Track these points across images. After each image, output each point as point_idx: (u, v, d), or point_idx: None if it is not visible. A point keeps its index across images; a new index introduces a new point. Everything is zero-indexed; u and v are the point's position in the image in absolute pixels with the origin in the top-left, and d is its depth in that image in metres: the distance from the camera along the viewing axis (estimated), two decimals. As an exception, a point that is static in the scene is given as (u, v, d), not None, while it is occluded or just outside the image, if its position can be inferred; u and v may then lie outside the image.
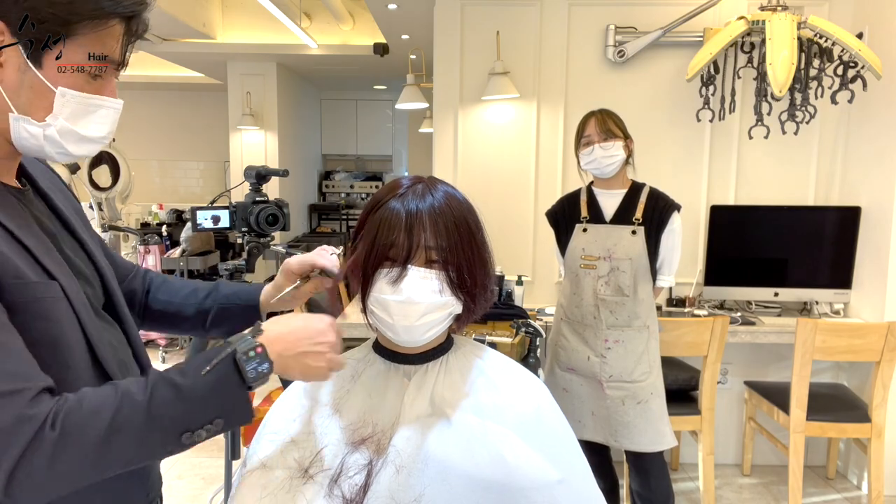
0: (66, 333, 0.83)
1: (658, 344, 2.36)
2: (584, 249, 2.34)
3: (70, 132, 0.85)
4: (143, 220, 6.77)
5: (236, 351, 0.82)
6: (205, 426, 0.80)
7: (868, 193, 3.08)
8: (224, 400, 0.81)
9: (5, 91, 0.81)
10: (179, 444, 0.80)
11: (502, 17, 3.29)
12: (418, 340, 0.95)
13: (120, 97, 0.95)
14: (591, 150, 2.27)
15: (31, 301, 0.79)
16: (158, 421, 0.77)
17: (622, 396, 2.28)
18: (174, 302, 1.16)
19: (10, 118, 0.82)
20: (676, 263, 2.34)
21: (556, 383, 2.41)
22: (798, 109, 2.85)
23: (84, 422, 0.74)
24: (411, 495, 0.88)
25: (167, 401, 0.78)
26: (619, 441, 2.31)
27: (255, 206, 2.09)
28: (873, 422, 2.69)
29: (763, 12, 2.78)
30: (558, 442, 0.96)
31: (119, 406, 0.76)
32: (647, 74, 3.28)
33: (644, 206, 2.30)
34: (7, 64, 0.80)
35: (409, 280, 0.91)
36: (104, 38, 0.83)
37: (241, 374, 0.81)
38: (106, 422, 0.75)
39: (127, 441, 0.76)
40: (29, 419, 0.72)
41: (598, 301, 2.30)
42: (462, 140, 3.39)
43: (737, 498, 3.03)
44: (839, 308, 3.21)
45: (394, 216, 0.92)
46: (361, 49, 5.33)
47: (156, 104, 7.53)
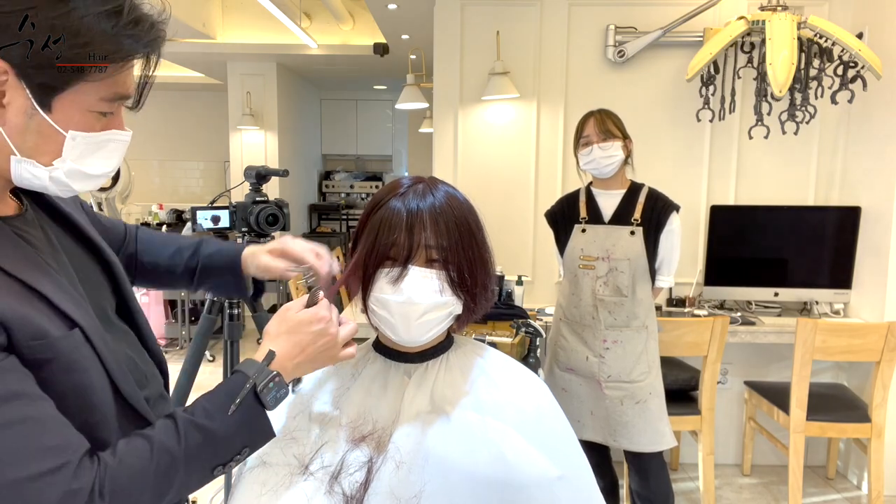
0: (92, 378, 0.81)
1: (657, 344, 2.36)
2: (582, 250, 2.34)
3: (77, 172, 0.79)
4: (143, 220, 6.77)
5: (256, 385, 0.84)
6: (234, 458, 0.84)
7: (868, 193, 3.08)
8: (250, 432, 0.85)
9: (8, 134, 0.74)
10: (212, 476, 0.84)
11: (502, 17, 3.29)
12: (418, 340, 0.96)
13: None
14: (590, 151, 2.28)
15: (54, 358, 0.76)
16: (194, 466, 0.80)
17: (621, 396, 2.29)
18: (160, 263, 1.21)
19: (12, 160, 0.76)
20: (675, 264, 2.34)
21: (556, 383, 2.42)
22: (798, 109, 2.85)
23: (130, 485, 0.75)
24: (411, 491, 0.88)
25: (199, 445, 0.80)
26: (618, 441, 2.31)
27: (255, 206, 2.09)
28: (873, 422, 2.69)
29: (763, 12, 2.78)
30: (558, 439, 0.96)
31: (158, 462, 0.78)
32: (647, 74, 3.28)
33: (643, 207, 2.30)
34: (10, 106, 0.73)
35: (410, 279, 0.91)
36: (122, 77, 0.78)
37: (263, 405, 0.85)
38: (150, 481, 0.76)
39: (168, 492, 0.79)
40: (76, 493, 0.71)
41: (597, 301, 2.30)
42: (462, 140, 3.39)
43: (737, 498, 3.03)
44: (839, 308, 3.21)
45: (395, 216, 0.92)
46: (361, 49, 5.34)
47: (156, 104, 7.51)
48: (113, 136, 0.81)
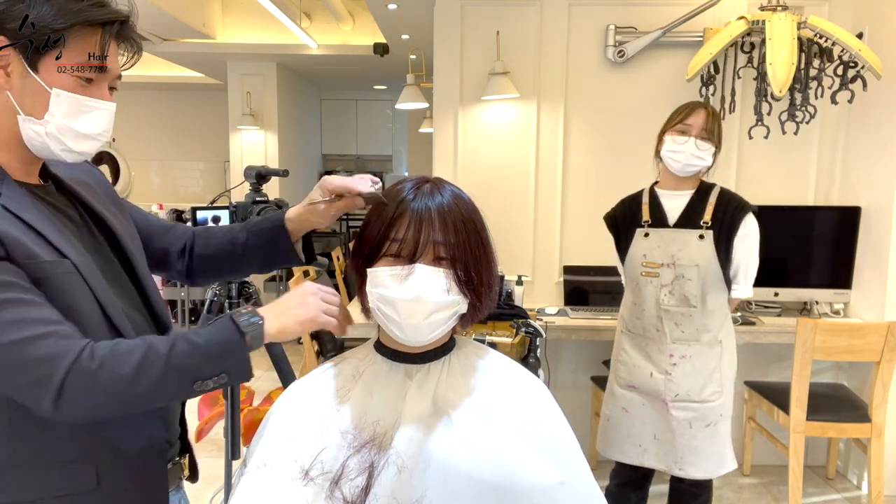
0: (81, 303, 0.96)
1: (733, 360, 2.16)
2: (645, 256, 2.15)
3: (68, 129, 0.97)
4: (142, 220, 6.76)
5: (232, 313, 0.96)
6: (212, 378, 0.93)
7: (868, 193, 3.08)
8: (229, 356, 0.94)
9: (14, 97, 0.95)
10: (191, 390, 0.93)
11: (502, 17, 3.29)
12: (423, 339, 0.95)
13: (120, 97, 1.05)
14: (685, 142, 2.05)
15: (44, 278, 0.92)
16: (176, 369, 0.91)
17: (689, 418, 2.09)
18: (211, 244, 1.28)
19: (19, 119, 0.96)
20: (754, 271, 2.12)
21: (616, 402, 2.24)
22: (798, 109, 2.85)
23: (117, 359, 0.89)
24: (413, 496, 0.88)
25: (185, 353, 0.91)
26: (685, 469, 2.11)
27: (255, 206, 2.09)
28: (873, 422, 2.69)
29: (763, 12, 2.78)
30: (559, 444, 0.96)
31: (146, 352, 0.90)
32: (647, 74, 3.28)
33: (713, 208, 2.09)
34: (13, 74, 0.94)
35: (418, 277, 0.91)
36: (90, 45, 0.95)
37: (238, 328, 0.93)
38: (135, 362, 0.89)
39: (150, 380, 0.89)
40: (69, 349, 0.87)
41: (661, 312, 2.11)
42: (462, 140, 3.39)
43: (737, 498, 3.03)
44: (839, 308, 3.21)
45: (402, 213, 0.93)
46: (361, 49, 5.34)
47: (156, 104, 7.53)
48: (97, 104, 0.98)
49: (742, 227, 2.07)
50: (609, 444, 2.27)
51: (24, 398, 0.88)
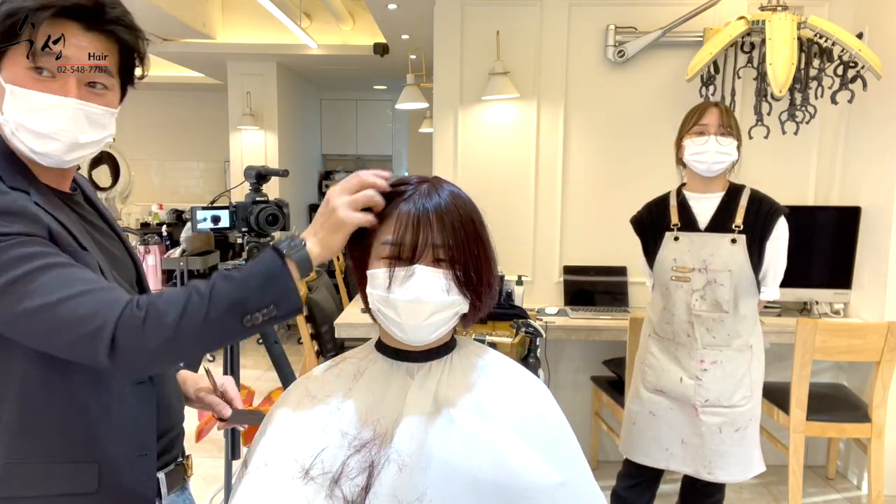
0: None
1: (762, 365, 2.15)
2: (675, 260, 2.12)
3: (23, 128, 0.94)
4: (143, 220, 6.77)
5: (275, 242, 0.96)
6: (260, 311, 0.89)
7: (868, 193, 3.08)
8: (272, 286, 0.90)
9: None
10: (243, 327, 0.90)
11: (502, 17, 3.29)
12: (425, 340, 0.95)
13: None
14: (706, 142, 2.04)
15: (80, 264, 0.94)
16: (220, 306, 0.88)
17: (719, 423, 2.07)
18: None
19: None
20: (782, 272, 2.11)
21: (643, 406, 2.22)
22: (798, 109, 2.85)
23: (163, 306, 0.88)
24: (414, 495, 0.88)
25: (226, 289, 0.89)
26: (714, 473, 2.10)
27: (255, 206, 2.09)
28: (873, 422, 2.69)
29: (763, 12, 2.78)
30: (560, 444, 0.96)
31: (189, 296, 0.89)
32: (647, 74, 3.28)
33: (745, 211, 2.07)
34: None
35: (417, 279, 0.91)
36: (47, 34, 0.91)
37: (281, 255, 0.90)
38: (179, 306, 0.88)
39: (196, 322, 0.88)
40: (116, 300, 0.88)
41: (693, 317, 2.08)
42: (462, 140, 3.39)
43: (737, 498, 3.03)
44: (839, 308, 3.21)
45: (400, 215, 0.93)
46: (361, 49, 5.34)
47: (156, 104, 7.53)
48: (53, 101, 0.93)
49: (775, 230, 2.06)
50: (634, 446, 2.26)
51: (79, 354, 0.89)
